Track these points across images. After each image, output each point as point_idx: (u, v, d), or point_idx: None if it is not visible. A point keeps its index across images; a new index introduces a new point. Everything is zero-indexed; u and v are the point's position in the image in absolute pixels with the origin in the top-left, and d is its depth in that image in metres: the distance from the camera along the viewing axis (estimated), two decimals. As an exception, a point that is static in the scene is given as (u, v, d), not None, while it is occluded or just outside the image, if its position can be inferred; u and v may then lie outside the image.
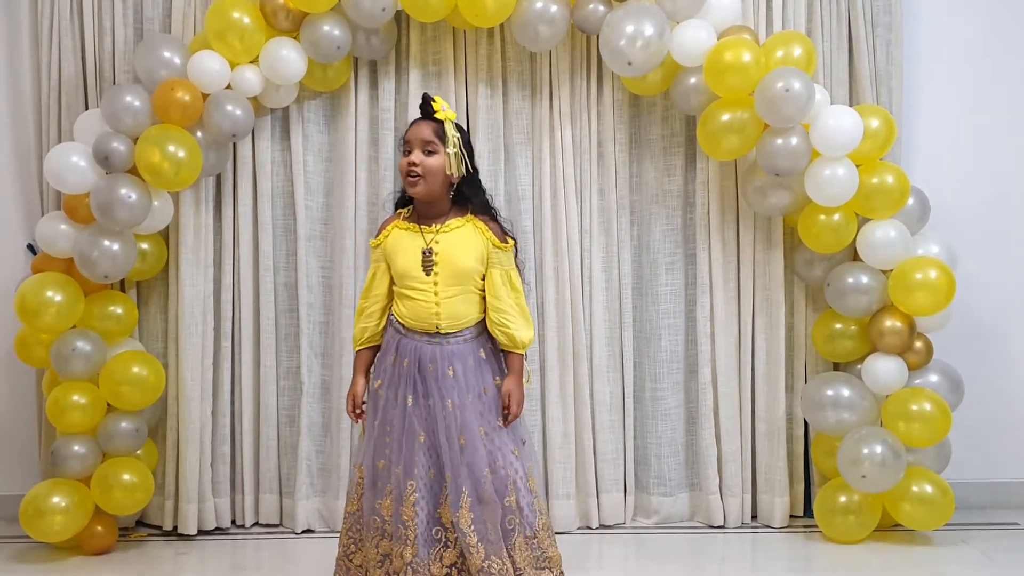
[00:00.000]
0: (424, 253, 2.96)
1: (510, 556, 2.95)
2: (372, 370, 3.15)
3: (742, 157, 3.91)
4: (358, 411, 3.07)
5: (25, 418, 4.13)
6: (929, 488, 3.79)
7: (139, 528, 4.06)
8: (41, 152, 4.00)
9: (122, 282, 3.97)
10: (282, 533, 4.06)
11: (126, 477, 3.74)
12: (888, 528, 3.92)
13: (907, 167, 3.99)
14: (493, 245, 3.02)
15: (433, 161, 2.96)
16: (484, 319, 3.04)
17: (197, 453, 3.96)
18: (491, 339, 3.06)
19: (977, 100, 4.22)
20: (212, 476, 4.01)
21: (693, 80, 3.80)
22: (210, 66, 3.73)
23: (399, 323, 3.03)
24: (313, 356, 4.07)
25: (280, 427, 4.09)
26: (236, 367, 4.06)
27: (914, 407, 3.75)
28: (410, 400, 2.96)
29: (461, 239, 3.00)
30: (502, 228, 3.09)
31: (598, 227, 4.06)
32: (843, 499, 3.82)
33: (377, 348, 3.11)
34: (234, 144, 3.98)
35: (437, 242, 2.97)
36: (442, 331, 2.97)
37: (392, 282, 3.07)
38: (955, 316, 3.90)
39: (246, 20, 3.73)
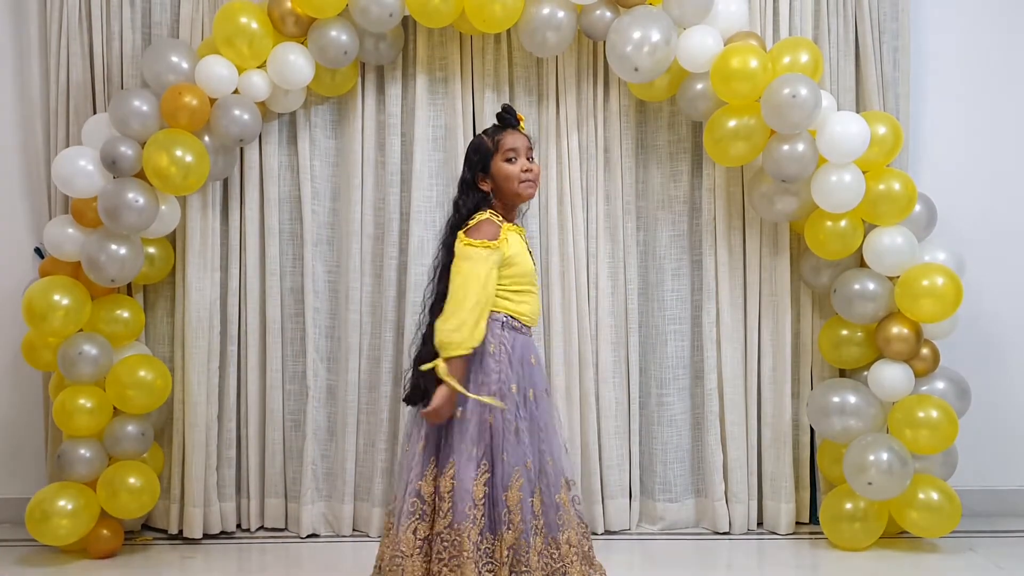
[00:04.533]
0: (530, 253, 3.13)
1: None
2: (480, 374, 3.02)
3: (748, 163, 3.91)
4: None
5: (32, 421, 4.14)
6: (936, 495, 3.78)
7: (145, 532, 4.07)
8: (49, 156, 4.01)
9: (129, 286, 3.98)
10: (287, 537, 4.06)
11: (132, 481, 3.74)
12: (894, 535, 3.91)
13: (914, 174, 3.99)
14: None
15: (538, 167, 3.12)
16: None
17: (203, 457, 3.96)
18: None
19: (984, 107, 4.22)
20: (218, 480, 4.02)
21: (700, 86, 3.80)
22: (218, 71, 3.74)
23: (518, 322, 3.04)
24: (319, 360, 4.08)
25: (286, 431, 4.10)
26: (242, 371, 4.07)
27: (921, 414, 3.74)
28: (531, 393, 3.02)
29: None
30: None
31: (604, 232, 4.06)
32: (849, 506, 3.81)
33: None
34: (241, 149, 3.99)
35: (527, 243, 3.14)
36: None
37: None
38: (962, 323, 3.89)
39: (254, 25, 3.74)
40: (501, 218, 3.07)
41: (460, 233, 3.01)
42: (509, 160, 3.05)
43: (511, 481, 2.92)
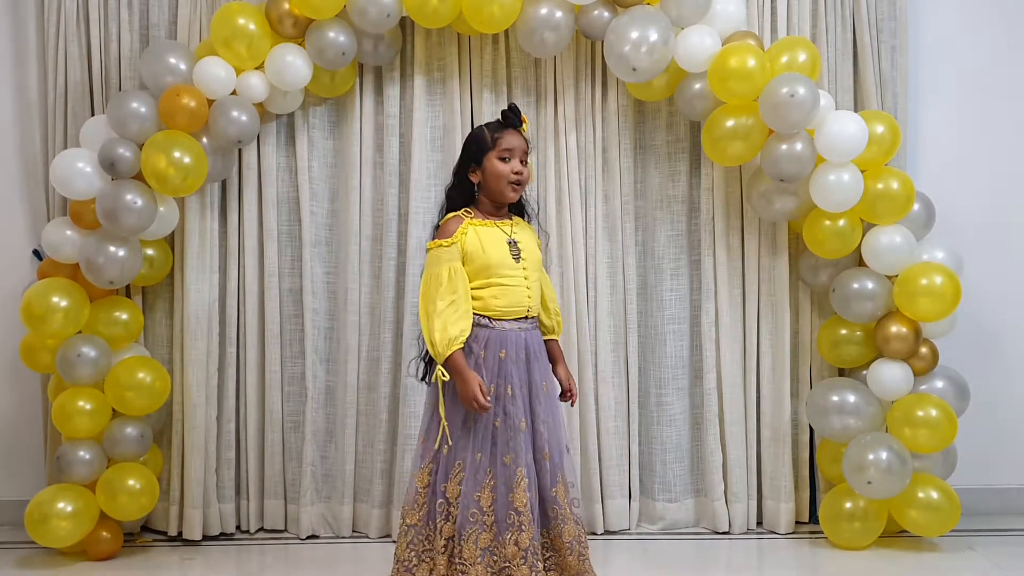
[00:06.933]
0: (510, 244, 3.13)
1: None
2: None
3: (747, 163, 3.91)
4: (487, 400, 3.03)
5: (31, 423, 4.14)
6: (935, 494, 3.78)
7: (144, 533, 4.07)
8: (47, 158, 4.01)
9: (128, 288, 3.98)
10: (287, 539, 4.06)
11: (131, 482, 3.74)
12: (894, 534, 3.92)
13: (912, 173, 3.99)
14: (537, 245, 3.26)
15: (528, 170, 3.19)
16: None
17: (202, 458, 3.96)
18: None
19: (983, 105, 4.22)
20: (217, 481, 4.02)
21: (698, 86, 3.80)
22: (216, 72, 3.74)
23: (485, 317, 3.08)
24: (318, 362, 4.08)
25: (285, 433, 4.09)
26: (241, 373, 4.06)
27: (920, 413, 3.74)
28: (510, 390, 3.04)
29: (528, 234, 3.23)
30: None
31: (603, 232, 4.06)
32: (849, 505, 3.81)
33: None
34: (239, 150, 3.99)
35: (515, 234, 3.17)
36: (530, 315, 3.14)
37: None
38: (961, 322, 3.89)
39: (252, 26, 3.74)
40: (474, 213, 3.14)
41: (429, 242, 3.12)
42: (503, 159, 3.11)
43: (452, 474, 3.01)
